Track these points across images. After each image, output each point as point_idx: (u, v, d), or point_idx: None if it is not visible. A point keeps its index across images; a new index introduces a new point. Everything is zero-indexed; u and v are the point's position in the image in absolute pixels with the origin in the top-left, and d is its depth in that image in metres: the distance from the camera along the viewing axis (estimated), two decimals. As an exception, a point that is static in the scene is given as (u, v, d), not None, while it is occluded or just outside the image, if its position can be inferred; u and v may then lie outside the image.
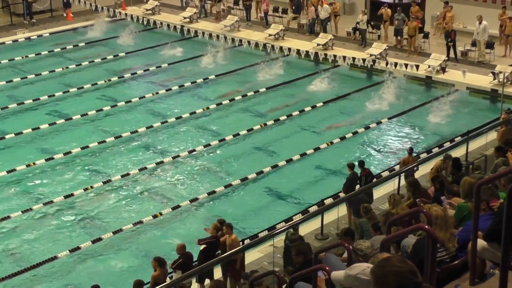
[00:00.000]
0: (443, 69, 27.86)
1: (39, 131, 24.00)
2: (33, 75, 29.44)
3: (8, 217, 18.62)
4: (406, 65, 28.24)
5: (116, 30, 36.12)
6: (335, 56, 30.45)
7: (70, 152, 22.31)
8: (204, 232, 15.75)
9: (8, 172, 20.95)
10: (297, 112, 25.63)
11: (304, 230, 16.78)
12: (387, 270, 4.82)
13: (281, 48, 32.04)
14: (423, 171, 18.38)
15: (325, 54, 30.71)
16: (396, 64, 28.46)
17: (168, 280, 14.05)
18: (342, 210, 17.16)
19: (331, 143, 23.05)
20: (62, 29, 36.05)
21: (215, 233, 15.13)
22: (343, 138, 23.37)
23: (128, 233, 18.11)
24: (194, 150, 22.64)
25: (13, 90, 28.08)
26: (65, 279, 16.42)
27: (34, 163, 21.51)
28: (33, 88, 28.18)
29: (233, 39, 33.81)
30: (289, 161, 21.86)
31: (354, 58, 29.84)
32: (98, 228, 18.47)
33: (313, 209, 17.97)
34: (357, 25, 31.94)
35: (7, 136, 23.43)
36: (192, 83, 28.84)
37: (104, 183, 20.49)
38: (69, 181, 20.80)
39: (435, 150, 20.79)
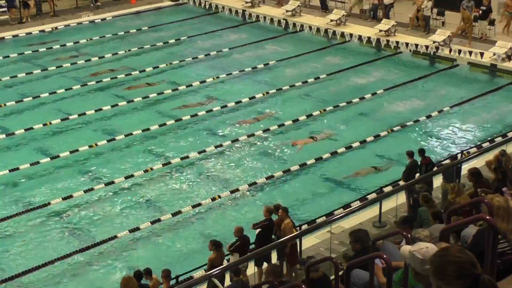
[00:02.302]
0: (508, 57, 27.25)
1: (101, 112, 24.38)
2: (97, 58, 29.88)
3: (71, 196, 19.01)
4: (470, 53, 27.71)
5: (178, 13, 36.40)
6: (397, 42, 30.09)
7: (131, 134, 22.62)
8: (260, 215, 15.77)
9: (71, 152, 21.36)
10: (357, 99, 25.43)
11: (362, 217, 16.71)
12: (446, 260, 4.76)
13: (342, 33, 31.80)
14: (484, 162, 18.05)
15: (387, 41, 30.36)
16: (460, 51, 27.95)
17: (225, 263, 14.16)
18: (401, 198, 16.98)
19: (392, 130, 22.82)
20: (126, 13, 36.51)
21: (269, 216, 15.17)
22: (403, 126, 23.11)
23: (186, 214, 18.29)
24: (253, 135, 22.69)
25: (78, 72, 28.54)
26: (124, 258, 16.68)
27: (96, 144, 21.89)
28: (96, 71, 28.62)
29: (294, 24, 33.70)
30: (348, 148, 21.73)
31: (416, 45, 29.43)
32: (157, 209, 18.71)
33: (372, 196, 17.86)
34: (421, 11, 31.41)
35: (70, 117, 23.88)
36: (252, 68, 28.87)
37: (164, 165, 20.72)
38: (130, 162, 21.09)
39: (498, 139, 20.42)
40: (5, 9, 34.42)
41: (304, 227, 16.22)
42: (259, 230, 15.12)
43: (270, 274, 11.67)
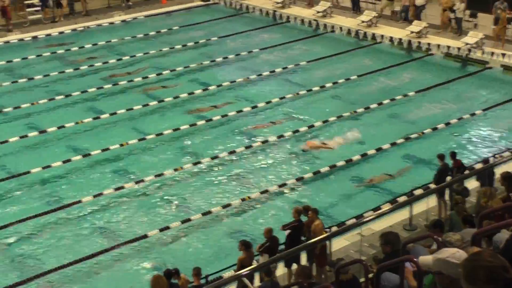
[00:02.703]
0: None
1: (132, 111, 24.55)
2: (128, 57, 30.11)
3: (101, 194, 19.18)
4: (503, 55, 27.45)
5: (208, 14, 36.55)
6: (429, 44, 29.91)
7: (161, 134, 22.75)
8: (290, 216, 15.77)
9: (102, 150, 21.54)
10: (388, 101, 25.32)
11: (392, 220, 16.63)
12: (477, 265, 4.73)
13: (373, 35, 31.69)
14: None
15: (419, 42, 30.19)
16: (492, 53, 27.70)
17: (254, 263, 14.18)
18: (432, 201, 16.87)
19: (423, 133, 22.68)
20: (157, 12, 36.74)
21: (298, 218, 15.16)
22: (434, 129, 22.96)
23: (216, 215, 18.35)
24: (282, 136, 22.70)
25: (109, 71, 28.78)
26: (154, 257, 16.78)
27: (127, 143, 22.04)
28: (127, 70, 28.84)
29: (325, 25, 33.65)
30: (378, 150, 21.65)
31: (448, 47, 29.22)
32: (188, 208, 18.79)
33: (402, 199, 17.77)
34: (454, 13, 31.17)
35: (102, 116, 24.09)
36: (283, 68, 28.87)
37: (194, 164, 20.82)
38: (160, 161, 21.20)
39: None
40: (39, 8, 34.82)
41: (334, 229, 16.19)
42: (288, 231, 15.12)
43: (299, 275, 11.66)
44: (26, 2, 35.12)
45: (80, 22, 34.66)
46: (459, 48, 28.84)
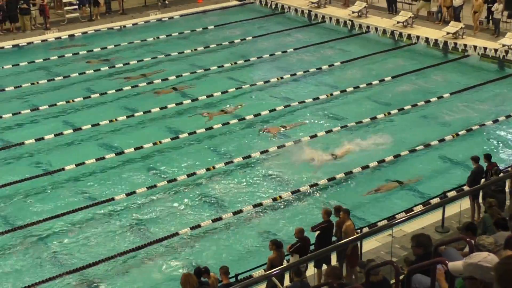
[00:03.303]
0: None
1: (166, 110, 24.68)
2: (163, 56, 30.29)
3: (134, 192, 19.31)
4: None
5: (244, 13, 36.61)
6: (465, 45, 29.59)
7: (194, 132, 22.82)
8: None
9: (135, 149, 21.69)
10: (422, 102, 25.11)
11: (424, 222, 16.48)
12: (510, 268, 4.67)
13: (409, 35, 31.46)
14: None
15: (455, 43, 29.88)
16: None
17: (284, 263, 14.15)
18: (465, 203, 16.69)
19: (457, 134, 22.46)
20: (192, 12, 36.90)
21: (327, 218, 15.09)
22: (469, 130, 22.72)
23: (247, 214, 18.36)
24: (315, 135, 22.64)
25: (145, 70, 28.98)
26: (184, 255, 16.84)
27: (160, 142, 22.16)
28: (161, 68, 29.00)
29: (360, 25, 33.50)
30: (412, 151, 21.48)
31: (485, 48, 28.89)
32: (218, 207, 18.82)
33: (435, 201, 17.61)
34: (492, 14, 30.80)
35: (136, 114, 24.25)
36: (317, 69, 28.79)
37: (226, 164, 20.85)
38: (193, 160, 21.27)
39: None
40: (76, 7, 35.19)
41: (365, 230, 16.09)
42: (317, 232, 15.07)
43: (329, 275, 11.60)
44: (64, 1, 35.53)
45: (116, 20, 34.96)
46: (496, 50, 28.49)
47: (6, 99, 25.98)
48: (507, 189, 16.52)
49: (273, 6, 37.35)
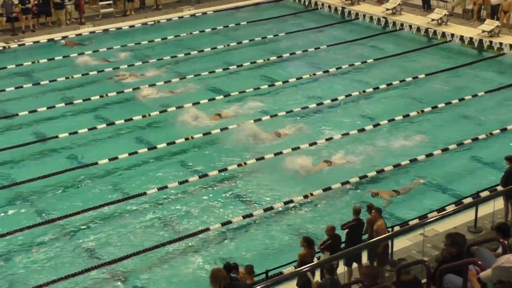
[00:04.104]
0: None
1: (198, 106, 24.76)
2: (196, 51, 30.40)
3: (166, 187, 19.41)
4: None
5: (277, 9, 36.59)
6: (500, 44, 29.25)
7: (226, 128, 22.87)
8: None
9: (167, 144, 21.80)
10: (456, 100, 24.89)
11: (457, 221, 16.33)
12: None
13: (443, 33, 31.18)
14: None
15: (490, 42, 29.55)
16: None
17: (315, 261, 14.14)
18: (499, 204, 16.50)
19: (491, 134, 22.22)
20: (226, 7, 36.97)
21: (356, 217, 15.03)
22: (503, 130, 22.46)
23: (278, 210, 18.35)
24: (347, 134, 22.56)
25: (177, 65, 29.13)
26: (215, 250, 16.88)
27: (192, 137, 22.25)
28: (194, 64, 29.13)
29: (394, 23, 33.29)
30: (444, 150, 21.31)
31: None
32: (249, 204, 18.84)
33: (468, 200, 17.45)
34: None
35: (168, 109, 24.37)
36: (349, 65, 28.68)
37: (257, 160, 20.86)
38: (225, 156, 21.31)
39: None
40: (111, 2, 35.46)
41: (397, 228, 16.00)
42: (347, 230, 15.02)
43: (366, 276, 11.55)
44: (99, -4, 35.88)
45: (150, 16, 35.15)
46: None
47: (42, 93, 26.28)
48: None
49: (307, 3, 37.26)
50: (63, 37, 32.00)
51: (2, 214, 18.50)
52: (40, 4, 33.10)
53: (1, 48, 31.01)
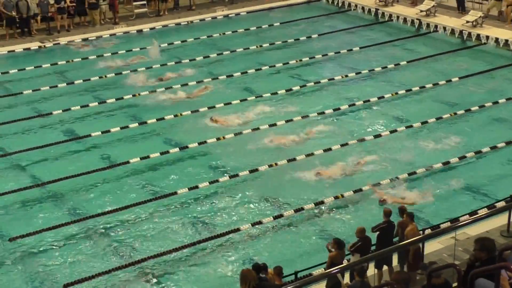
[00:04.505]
0: None
1: (230, 106, 24.82)
2: (229, 52, 30.48)
3: (196, 187, 19.47)
4: None
5: (310, 11, 36.56)
6: (536, 47, 28.94)
7: (258, 129, 22.88)
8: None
9: (199, 144, 21.87)
10: (490, 103, 24.62)
11: (489, 225, 16.15)
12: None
13: (478, 36, 30.88)
14: None
15: (526, 44, 29.24)
16: None
17: (344, 262, 14.09)
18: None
19: (525, 137, 22.00)
20: (259, 8, 37.02)
21: (387, 219, 14.93)
22: (539, 133, 22.23)
23: (309, 212, 18.31)
24: (379, 135, 22.45)
25: (210, 65, 29.22)
26: (244, 251, 16.89)
27: (224, 137, 22.29)
28: (227, 64, 29.20)
29: (428, 24, 33.05)
30: (478, 153, 21.10)
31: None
32: (280, 204, 18.81)
33: (500, 204, 17.25)
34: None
35: (200, 109, 24.44)
36: (382, 67, 28.53)
37: (289, 161, 20.83)
38: (255, 157, 21.29)
39: None
40: (145, 2, 35.70)
41: (428, 231, 15.88)
42: (377, 232, 14.94)
43: (398, 281, 11.49)
44: (133, -4, 36.14)
45: (183, 16, 35.33)
46: None
47: (76, 92, 26.53)
48: None
49: (340, 4, 37.16)
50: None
51: (35, 212, 18.70)
52: (76, 4, 33.44)
53: (37, 47, 31.37)
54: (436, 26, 32.70)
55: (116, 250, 16.99)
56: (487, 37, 30.65)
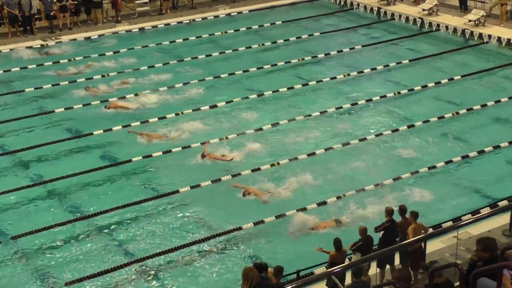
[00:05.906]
0: None
1: (231, 103, 24.84)
2: (230, 50, 30.48)
3: (198, 185, 19.48)
4: None
5: (312, 9, 36.54)
6: (539, 45, 28.92)
7: (261, 129, 22.87)
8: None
9: (201, 143, 21.85)
10: (492, 102, 24.61)
11: (491, 224, 16.14)
12: None
13: (480, 34, 30.85)
14: None
15: (528, 43, 29.22)
16: None
17: (346, 261, 14.09)
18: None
19: (527, 136, 22.00)
20: (261, 7, 37.01)
21: (389, 218, 14.90)
22: (541, 133, 22.21)
23: (311, 212, 18.28)
24: (381, 134, 22.45)
25: (211, 64, 29.20)
26: (246, 249, 16.89)
27: (227, 137, 22.28)
28: (229, 63, 29.20)
29: (430, 23, 33.03)
30: (480, 152, 21.08)
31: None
32: (283, 205, 18.77)
33: (503, 203, 17.24)
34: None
35: (202, 108, 24.45)
36: (384, 66, 28.53)
37: (290, 160, 20.83)
38: (258, 157, 21.26)
39: None
40: (147, 1, 35.70)
41: (430, 230, 15.86)
42: (381, 232, 14.91)
43: (399, 279, 11.49)
44: (136, -6, 36.17)
45: (185, 15, 35.34)
46: None
47: (78, 91, 26.49)
48: None
49: (342, 3, 37.15)
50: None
51: (37, 210, 18.71)
52: (78, 2, 33.45)
53: (39, 45, 31.39)
54: (438, 25, 32.67)
55: (117, 249, 16.98)
56: (489, 36, 30.62)
